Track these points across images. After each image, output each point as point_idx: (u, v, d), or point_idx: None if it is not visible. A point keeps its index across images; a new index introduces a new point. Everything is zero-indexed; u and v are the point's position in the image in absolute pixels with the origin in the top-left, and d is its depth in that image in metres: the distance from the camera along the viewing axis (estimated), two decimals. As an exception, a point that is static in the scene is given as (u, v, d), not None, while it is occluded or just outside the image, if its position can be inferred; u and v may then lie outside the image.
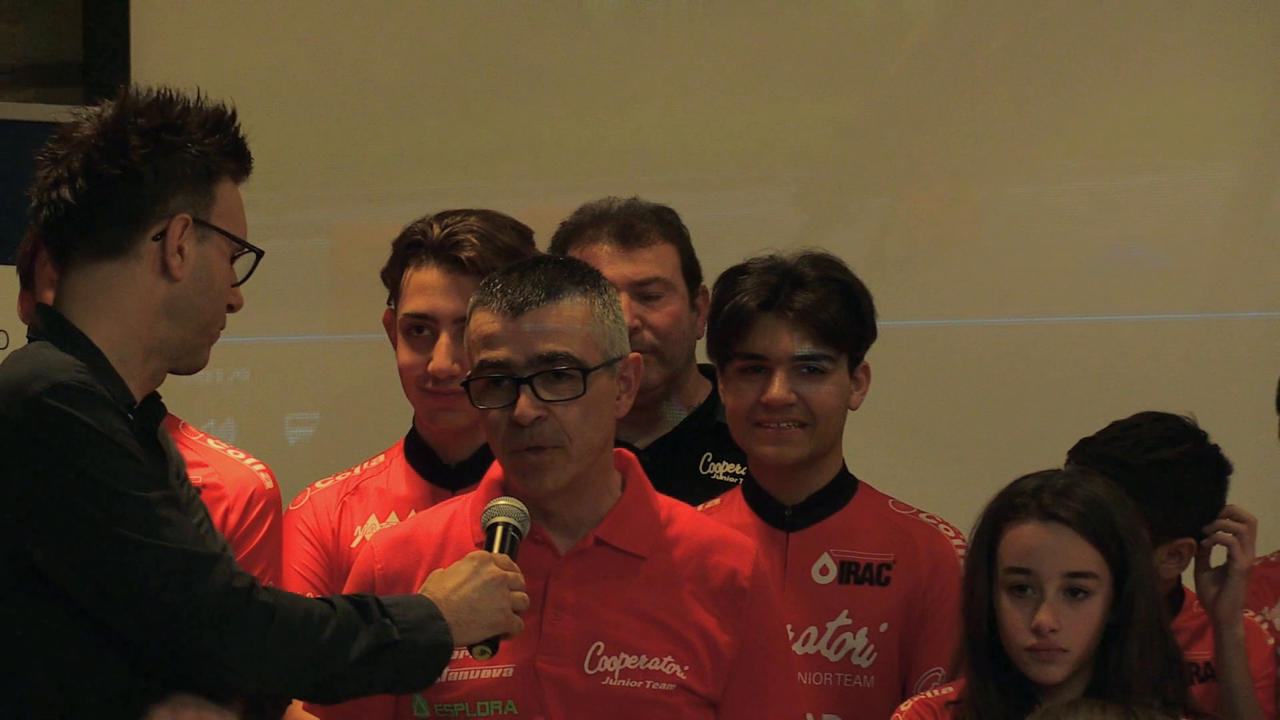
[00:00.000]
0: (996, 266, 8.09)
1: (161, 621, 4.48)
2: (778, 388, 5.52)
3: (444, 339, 5.68)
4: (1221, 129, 8.09)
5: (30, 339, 4.79)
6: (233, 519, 5.70)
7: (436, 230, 5.77)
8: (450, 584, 4.79)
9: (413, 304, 5.76)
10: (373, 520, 5.52)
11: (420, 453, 5.88)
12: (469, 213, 5.83)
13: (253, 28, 8.23)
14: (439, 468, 5.84)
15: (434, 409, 5.77)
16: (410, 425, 5.92)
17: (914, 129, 8.20)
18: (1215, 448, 5.76)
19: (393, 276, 5.85)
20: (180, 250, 4.69)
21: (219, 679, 4.55)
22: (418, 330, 5.75)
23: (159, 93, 4.80)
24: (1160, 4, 8.20)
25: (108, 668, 4.52)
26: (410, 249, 5.79)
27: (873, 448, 6.03)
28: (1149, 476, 5.64)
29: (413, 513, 5.68)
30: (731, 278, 5.66)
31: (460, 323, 5.46)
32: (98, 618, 4.49)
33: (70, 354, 4.65)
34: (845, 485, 5.75)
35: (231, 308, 4.79)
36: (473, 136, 8.15)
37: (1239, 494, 5.86)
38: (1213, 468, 5.74)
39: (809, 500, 5.68)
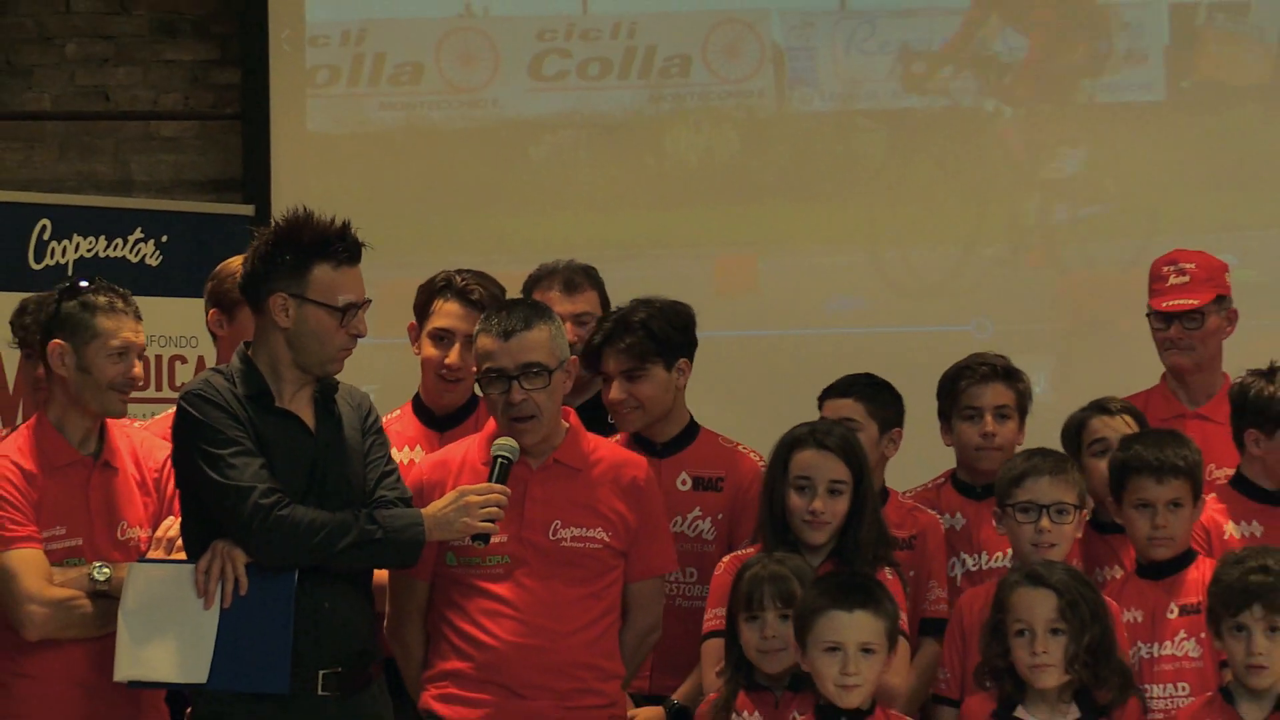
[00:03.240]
0: (776, 301, 8.11)
1: (225, 521, 4.76)
2: (613, 393, 5.58)
3: (458, 346, 5.63)
4: (913, 222, 8.14)
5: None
6: None
7: (458, 280, 5.71)
8: (438, 506, 4.89)
9: (441, 322, 5.68)
10: (393, 451, 5.26)
11: (423, 409, 5.79)
12: (472, 271, 5.79)
13: (333, 161, 8.19)
14: (434, 418, 5.76)
15: (444, 388, 5.72)
16: (414, 393, 5.83)
17: (722, 222, 8.21)
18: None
19: (424, 304, 5.75)
20: (285, 311, 4.82)
21: (252, 554, 4.75)
22: (439, 339, 5.68)
23: (282, 217, 4.93)
24: (881, 147, 8.24)
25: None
26: (440, 290, 5.71)
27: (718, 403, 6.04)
28: (874, 390, 5.69)
29: (420, 448, 5.65)
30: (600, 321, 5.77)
31: (468, 337, 5.48)
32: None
33: (239, 366, 4.88)
34: (691, 430, 5.71)
35: (359, 335, 4.90)
36: (456, 228, 8.11)
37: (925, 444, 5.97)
38: (886, 390, 5.73)
39: (669, 440, 5.65)
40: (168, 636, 4.78)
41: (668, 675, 5.43)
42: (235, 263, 5.45)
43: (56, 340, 5.08)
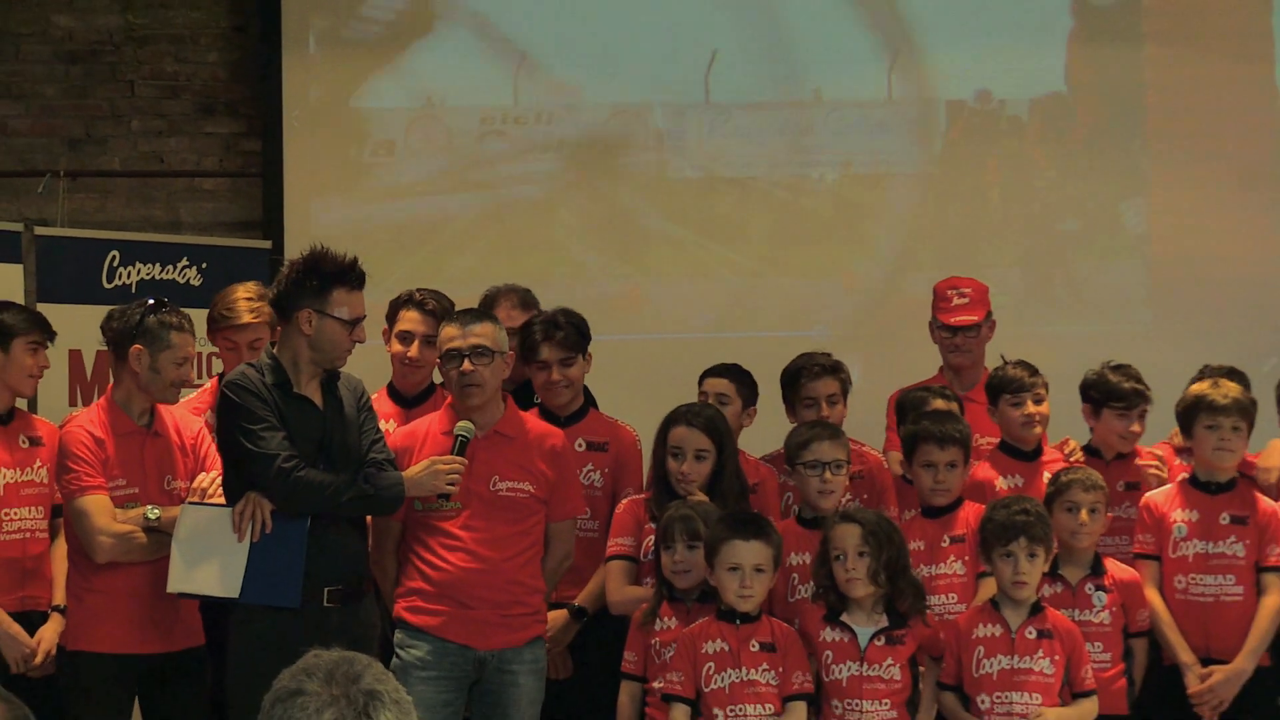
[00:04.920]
0: (661, 313, 8.02)
1: (256, 479, 4.75)
2: (553, 375, 5.49)
3: (416, 343, 5.60)
4: (761, 257, 8.06)
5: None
6: None
7: (417, 295, 5.66)
8: (415, 471, 4.91)
9: (405, 325, 5.64)
10: None
11: (395, 392, 5.71)
12: (427, 289, 5.73)
13: (334, 209, 8.03)
14: (403, 399, 5.69)
15: (406, 374, 5.67)
16: (388, 379, 5.74)
17: (619, 258, 8.11)
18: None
19: (392, 313, 5.69)
20: (309, 323, 4.77)
21: (275, 504, 4.73)
22: (403, 338, 5.63)
23: (307, 252, 4.87)
24: (735, 203, 8.13)
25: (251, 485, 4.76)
26: (404, 303, 5.66)
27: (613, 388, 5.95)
28: (741, 374, 5.64)
29: (393, 421, 5.53)
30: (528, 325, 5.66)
31: (425, 336, 5.58)
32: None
33: (267, 362, 4.85)
34: (585, 408, 5.64)
35: (361, 341, 4.90)
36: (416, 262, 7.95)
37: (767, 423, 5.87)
38: (749, 376, 5.68)
39: (570, 415, 5.56)
40: (210, 561, 4.78)
41: (567, 586, 5.39)
42: (233, 288, 5.62)
43: (137, 345, 5.07)
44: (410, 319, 5.64)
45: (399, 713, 2.51)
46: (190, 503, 4.95)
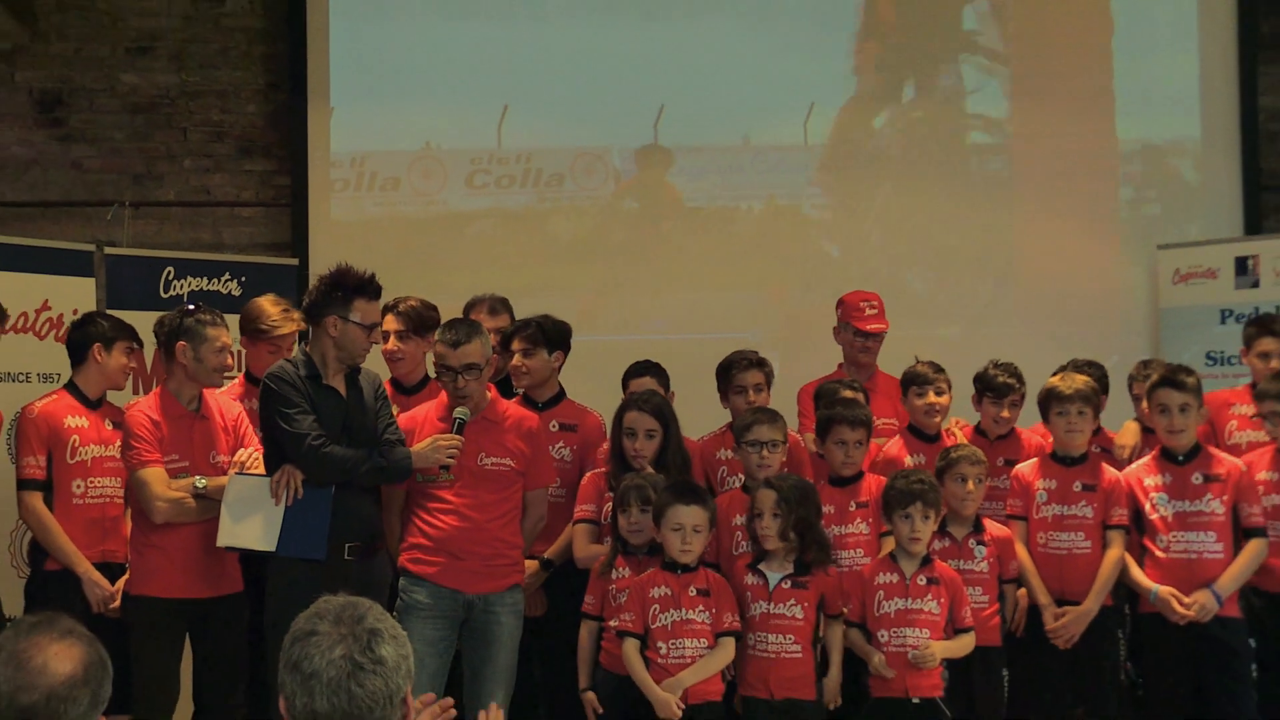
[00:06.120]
0: (620, 319, 7.94)
1: (290, 454, 4.65)
2: (514, 360, 5.48)
3: (392, 338, 5.56)
4: (699, 273, 8.02)
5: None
6: None
7: (392, 301, 5.59)
8: (420, 448, 4.86)
9: (385, 326, 5.53)
10: None
11: (396, 383, 5.64)
12: (410, 297, 5.67)
13: (345, 236, 7.91)
14: (402, 388, 5.62)
15: (391, 366, 5.63)
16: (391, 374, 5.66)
17: (583, 275, 8.01)
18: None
19: (383, 317, 5.56)
20: (335, 327, 4.74)
21: (306, 475, 4.66)
22: (385, 336, 5.54)
23: (334, 269, 4.84)
24: (680, 230, 8.11)
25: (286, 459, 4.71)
26: (386, 309, 5.52)
27: (578, 377, 5.90)
28: (659, 369, 5.64)
29: (395, 406, 5.38)
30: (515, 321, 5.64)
31: (398, 333, 5.54)
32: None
33: (301, 358, 4.81)
34: (560, 395, 5.59)
35: (377, 343, 4.92)
36: (419, 279, 7.44)
37: (705, 409, 5.82)
38: (659, 368, 5.67)
39: (546, 400, 5.52)
40: (253, 521, 4.74)
41: (538, 542, 5.35)
42: (266, 305, 5.51)
43: (182, 342, 5.06)
44: (388, 321, 5.60)
45: (396, 646, 2.52)
46: (237, 474, 4.93)
